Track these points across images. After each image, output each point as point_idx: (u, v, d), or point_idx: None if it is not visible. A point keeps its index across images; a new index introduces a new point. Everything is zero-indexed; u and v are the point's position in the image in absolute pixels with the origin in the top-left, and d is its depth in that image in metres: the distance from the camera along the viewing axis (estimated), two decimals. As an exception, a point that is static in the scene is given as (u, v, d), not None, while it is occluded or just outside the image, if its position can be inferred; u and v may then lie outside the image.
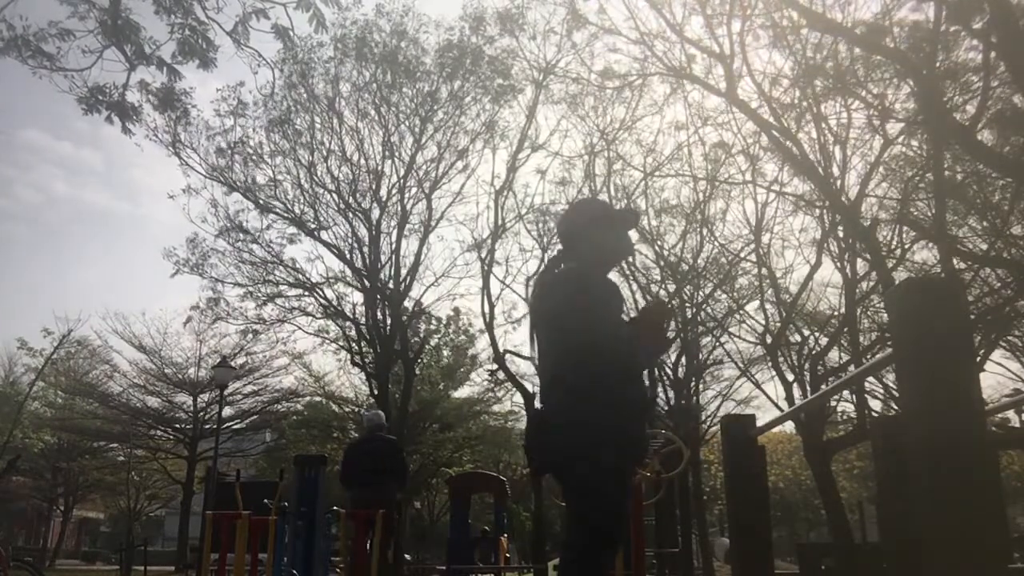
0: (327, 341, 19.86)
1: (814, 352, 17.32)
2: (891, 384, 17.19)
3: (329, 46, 16.64)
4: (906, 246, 15.25)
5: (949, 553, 1.83)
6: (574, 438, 2.41)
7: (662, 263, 18.79)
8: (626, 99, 16.83)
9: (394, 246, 18.11)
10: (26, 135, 61.65)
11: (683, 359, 19.84)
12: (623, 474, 2.47)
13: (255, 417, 26.30)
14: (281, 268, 18.25)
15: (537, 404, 2.77)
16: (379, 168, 17.89)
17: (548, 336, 2.61)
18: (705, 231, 17.99)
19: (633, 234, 2.94)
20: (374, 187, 17.91)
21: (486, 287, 18.42)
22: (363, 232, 18.00)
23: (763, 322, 17.80)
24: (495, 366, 20.25)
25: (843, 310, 15.94)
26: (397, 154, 17.86)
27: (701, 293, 18.93)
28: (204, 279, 17.90)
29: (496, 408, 27.19)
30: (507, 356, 19.13)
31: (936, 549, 1.86)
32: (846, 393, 17.45)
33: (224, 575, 7.38)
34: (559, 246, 2.90)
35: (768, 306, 17.65)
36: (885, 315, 14.76)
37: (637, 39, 14.12)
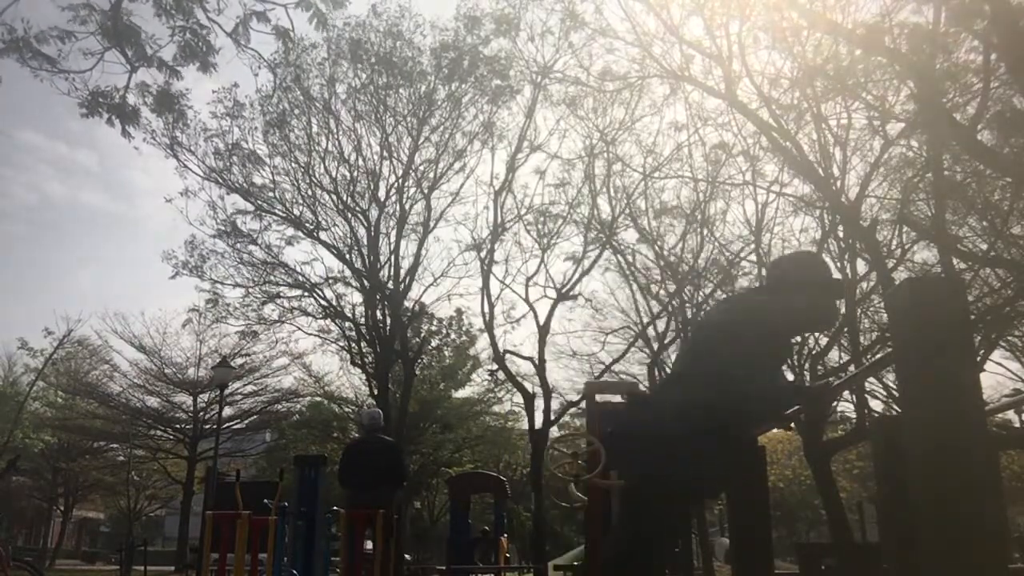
0: (327, 341, 19.89)
1: (814, 352, 17.31)
2: (891, 384, 17.19)
3: (323, 47, 16.65)
4: (906, 246, 15.24)
5: (949, 553, 1.83)
6: (653, 452, 2.43)
7: (662, 263, 18.78)
8: (625, 100, 16.82)
9: (393, 246, 18.13)
10: (20, 135, 61.69)
11: (683, 359, 19.82)
12: (673, 503, 2.48)
13: (255, 417, 26.32)
14: (280, 269, 18.27)
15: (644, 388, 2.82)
16: (377, 169, 17.91)
17: (706, 349, 2.62)
18: (705, 232, 17.99)
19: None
20: (372, 188, 17.92)
21: (486, 287, 18.43)
22: (362, 233, 18.03)
23: (763, 322, 17.74)
24: (495, 366, 20.26)
25: (843, 310, 15.93)
26: (395, 155, 17.88)
27: (701, 293, 18.92)
28: (203, 280, 17.92)
29: (496, 408, 27.22)
30: (507, 356, 19.13)
31: (936, 549, 1.86)
32: (846, 393, 17.44)
33: (224, 575, 7.38)
34: (770, 280, 2.87)
35: (768, 306, 17.60)
36: (885, 315, 14.77)
37: (634, 41, 14.10)
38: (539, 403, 18.50)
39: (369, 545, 7.95)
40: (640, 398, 2.82)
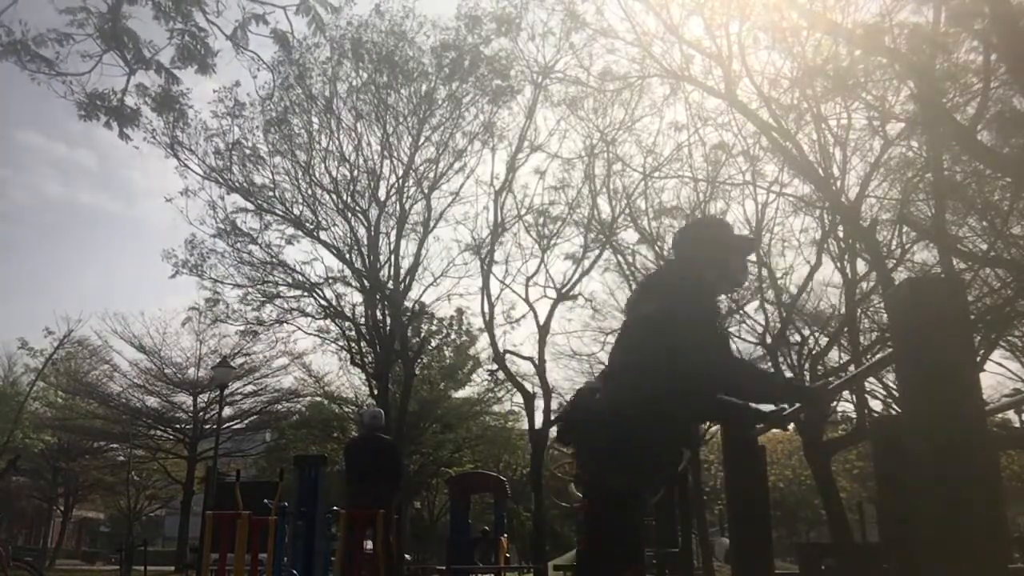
0: (327, 341, 19.89)
1: (814, 352, 17.31)
2: (891, 384, 17.19)
3: (326, 47, 16.66)
4: (906, 246, 15.24)
5: (949, 553, 1.83)
6: (616, 451, 2.43)
7: (662, 263, 18.77)
8: (625, 100, 16.82)
9: (393, 246, 18.14)
10: (20, 136, 61.67)
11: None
12: (638, 500, 2.48)
13: (255, 417, 26.29)
14: (280, 269, 18.26)
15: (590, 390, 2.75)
16: (377, 168, 17.91)
17: (643, 340, 2.59)
18: (705, 231, 17.94)
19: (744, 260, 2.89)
20: (372, 187, 17.92)
21: (486, 287, 18.45)
22: (362, 232, 18.04)
23: (763, 322, 17.80)
24: (495, 366, 20.27)
25: (843, 310, 15.93)
26: (395, 154, 17.89)
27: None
28: (203, 280, 17.92)
29: (496, 408, 27.20)
30: (507, 356, 19.14)
31: (936, 549, 1.86)
32: (846, 393, 17.44)
33: (224, 575, 7.38)
34: (673, 256, 2.89)
35: (768, 306, 17.64)
36: (885, 315, 14.76)
37: (634, 40, 14.10)
38: (539, 403, 18.52)
39: (369, 545, 7.95)
40: (580, 400, 2.78)
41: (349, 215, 17.95)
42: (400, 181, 18.00)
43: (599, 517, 2.51)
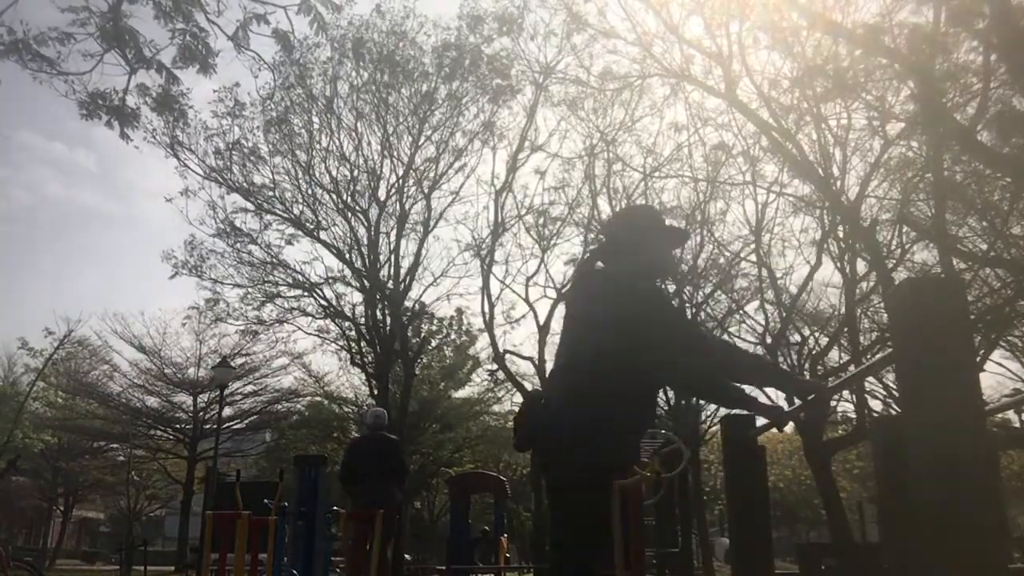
0: (327, 341, 19.88)
1: (814, 352, 17.32)
2: (891, 384, 17.20)
3: (327, 46, 16.65)
4: (906, 246, 15.25)
5: (949, 553, 1.84)
6: (568, 440, 2.41)
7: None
8: (625, 100, 16.84)
9: (393, 246, 18.13)
10: (19, 136, 61.61)
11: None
12: (598, 486, 2.43)
13: (255, 417, 26.29)
14: (280, 269, 18.25)
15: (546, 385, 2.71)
16: (377, 168, 17.91)
17: (586, 334, 2.56)
18: (705, 232, 17.99)
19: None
20: (372, 187, 17.91)
21: (486, 287, 18.45)
22: (362, 232, 18.03)
23: (763, 322, 17.81)
24: (495, 366, 20.28)
25: (843, 310, 15.94)
26: (395, 154, 17.89)
27: (701, 293, 18.92)
28: (203, 280, 17.91)
29: (496, 408, 27.20)
30: (507, 356, 19.14)
31: (936, 549, 1.86)
32: (846, 393, 17.45)
33: (224, 575, 7.38)
34: (602, 244, 2.85)
35: (768, 306, 17.66)
36: (885, 315, 14.78)
37: (635, 40, 14.11)
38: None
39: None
40: (532, 407, 2.72)
41: (349, 215, 17.95)
42: (400, 181, 18.01)
43: (564, 509, 2.48)
